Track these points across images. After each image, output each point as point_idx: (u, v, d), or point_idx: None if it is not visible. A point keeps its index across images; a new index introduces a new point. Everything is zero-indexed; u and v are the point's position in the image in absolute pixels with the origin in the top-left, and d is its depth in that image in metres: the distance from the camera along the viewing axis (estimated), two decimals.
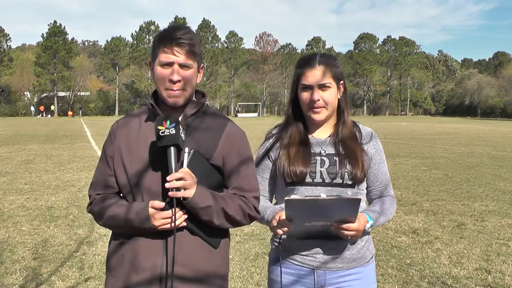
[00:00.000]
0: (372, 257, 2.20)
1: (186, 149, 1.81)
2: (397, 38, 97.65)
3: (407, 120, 61.76)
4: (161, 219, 1.80)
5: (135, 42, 79.71)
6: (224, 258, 2.00)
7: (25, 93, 77.44)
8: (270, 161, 2.22)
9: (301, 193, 2.08)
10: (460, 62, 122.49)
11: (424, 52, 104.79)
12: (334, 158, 2.10)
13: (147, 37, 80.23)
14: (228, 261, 2.04)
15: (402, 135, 28.50)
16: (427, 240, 6.16)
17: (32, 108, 72.89)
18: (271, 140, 2.24)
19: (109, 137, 2.01)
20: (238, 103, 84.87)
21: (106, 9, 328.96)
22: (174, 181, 1.74)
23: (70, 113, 73.14)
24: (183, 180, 1.75)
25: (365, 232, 2.09)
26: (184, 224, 1.84)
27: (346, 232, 1.93)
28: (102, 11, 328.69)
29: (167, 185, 1.74)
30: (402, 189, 9.83)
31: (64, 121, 50.36)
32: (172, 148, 1.78)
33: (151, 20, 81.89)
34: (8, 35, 76.31)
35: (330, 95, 2.09)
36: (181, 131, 1.80)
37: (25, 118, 64.65)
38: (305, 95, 2.10)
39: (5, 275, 4.89)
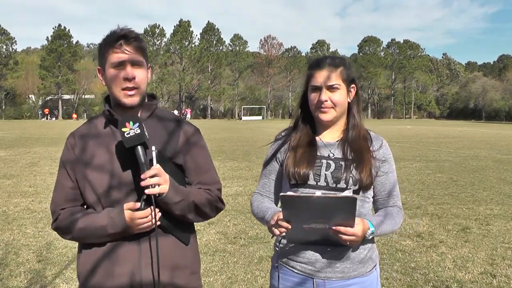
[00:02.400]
0: (375, 266, 2.12)
1: (153, 147, 1.82)
2: (401, 41, 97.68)
3: (411, 123, 61.63)
4: (138, 219, 1.79)
5: None
6: (195, 254, 2.03)
7: (30, 96, 77.81)
8: (277, 162, 2.21)
9: None
10: (465, 65, 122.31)
11: (428, 55, 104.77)
12: (341, 162, 2.07)
13: (152, 40, 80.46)
14: (199, 256, 2.07)
15: (407, 139, 28.44)
16: (432, 243, 6.14)
17: (40, 112, 73.30)
18: (279, 141, 2.24)
19: (66, 150, 1.97)
20: (242, 106, 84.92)
21: (111, 12, 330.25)
22: (148, 178, 1.75)
23: (74, 116, 73.40)
24: (156, 176, 1.76)
25: (368, 240, 2.04)
26: (159, 222, 1.84)
27: (344, 237, 1.86)
28: (107, 14, 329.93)
29: (142, 183, 1.75)
30: (406, 192, 9.80)
31: (69, 124, 50.49)
32: (139, 147, 1.79)
33: (156, 24, 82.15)
34: (14, 38, 76.82)
35: (339, 97, 2.08)
36: (145, 129, 1.81)
37: (30, 121, 64.87)
38: (313, 96, 2.10)
39: (9, 277, 4.90)
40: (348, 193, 1.98)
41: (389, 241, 6.18)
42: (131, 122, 1.79)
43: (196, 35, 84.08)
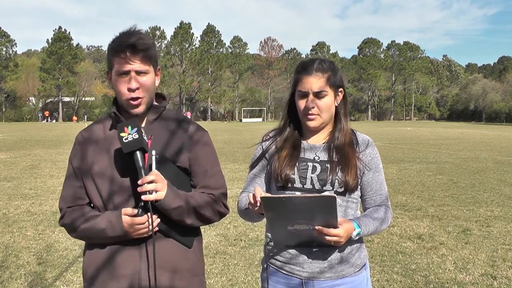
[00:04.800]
0: (364, 265, 2.14)
1: (153, 152, 1.82)
2: (401, 43, 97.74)
3: (411, 125, 61.65)
4: (135, 225, 1.80)
5: None
6: (199, 256, 2.03)
7: (30, 98, 77.85)
8: (266, 162, 2.22)
9: None
10: (465, 66, 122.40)
11: (429, 57, 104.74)
12: (326, 165, 2.08)
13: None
14: (203, 259, 2.07)
15: (407, 140, 28.44)
16: (432, 245, 6.14)
17: (40, 114, 73.36)
18: (267, 142, 2.25)
19: (74, 149, 1.99)
20: (243, 108, 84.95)
21: (111, 14, 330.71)
22: (145, 184, 1.74)
23: (74, 118, 73.45)
24: (154, 182, 1.75)
25: (355, 240, 2.05)
26: (156, 228, 1.85)
27: (328, 238, 1.88)
28: (107, 16, 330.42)
29: (139, 189, 1.75)
30: (407, 194, 9.80)
31: (69, 126, 50.53)
32: (138, 152, 1.79)
33: (156, 26, 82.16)
34: (14, 40, 76.83)
35: (326, 103, 2.08)
36: (143, 134, 1.80)
37: (31, 123, 64.90)
38: (301, 102, 2.10)
39: (10, 280, 4.90)
40: (327, 193, 1.99)
41: (390, 243, 6.18)
42: (129, 127, 1.79)
43: (197, 37, 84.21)
